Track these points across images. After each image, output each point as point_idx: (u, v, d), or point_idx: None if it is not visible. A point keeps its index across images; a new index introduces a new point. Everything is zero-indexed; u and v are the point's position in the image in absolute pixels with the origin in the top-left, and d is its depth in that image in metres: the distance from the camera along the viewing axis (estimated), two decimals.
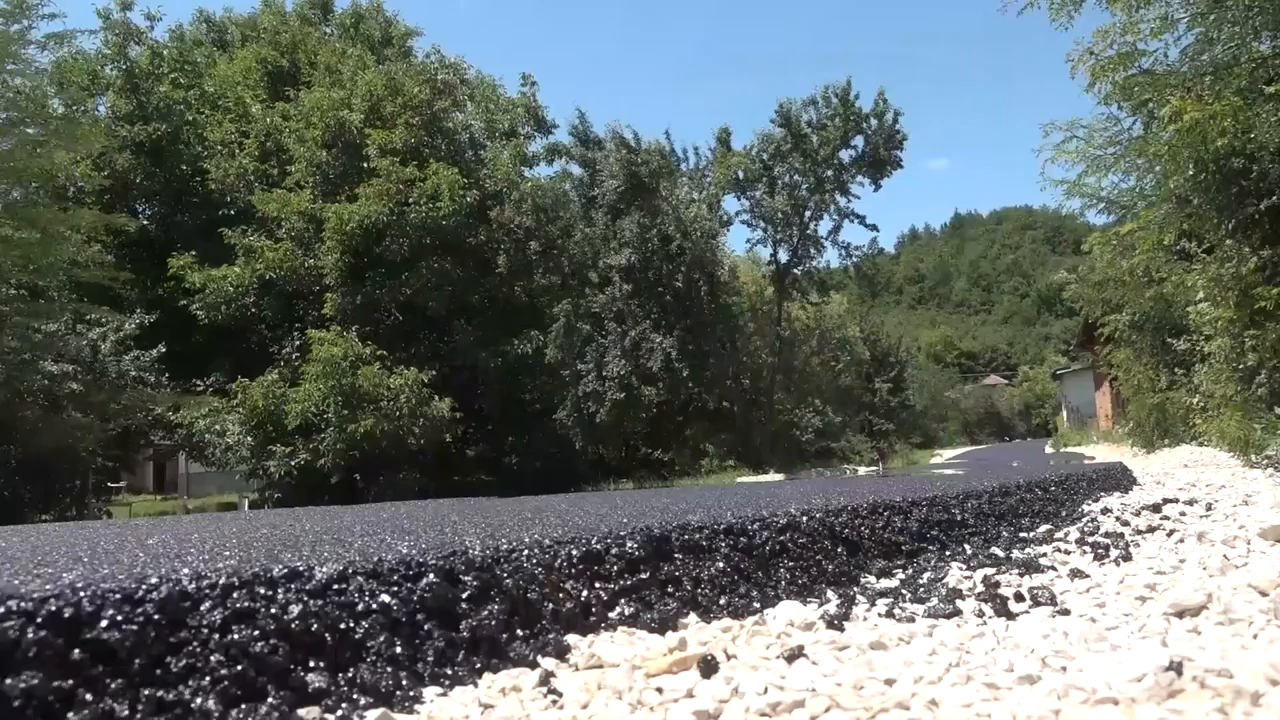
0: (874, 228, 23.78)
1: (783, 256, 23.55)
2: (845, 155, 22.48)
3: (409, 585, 1.10)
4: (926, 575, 1.77)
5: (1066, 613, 1.36)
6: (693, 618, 1.35)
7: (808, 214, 22.97)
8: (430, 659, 1.05)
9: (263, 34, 26.66)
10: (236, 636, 0.91)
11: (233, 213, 22.30)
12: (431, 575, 1.13)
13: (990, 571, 1.77)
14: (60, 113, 17.18)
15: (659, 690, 1.00)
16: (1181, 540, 2.15)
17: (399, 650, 1.03)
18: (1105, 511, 2.95)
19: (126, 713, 0.78)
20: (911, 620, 1.35)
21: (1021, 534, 2.45)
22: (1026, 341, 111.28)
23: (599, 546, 1.41)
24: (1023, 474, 4.07)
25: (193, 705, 0.82)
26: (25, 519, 12.99)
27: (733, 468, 21.74)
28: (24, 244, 13.03)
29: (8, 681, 0.73)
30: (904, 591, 1.58)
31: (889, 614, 1.39)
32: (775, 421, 24.75)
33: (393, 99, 21.14)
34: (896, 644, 1.17)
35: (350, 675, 0.97)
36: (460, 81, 24.27)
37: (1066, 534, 2.39)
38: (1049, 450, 26.94)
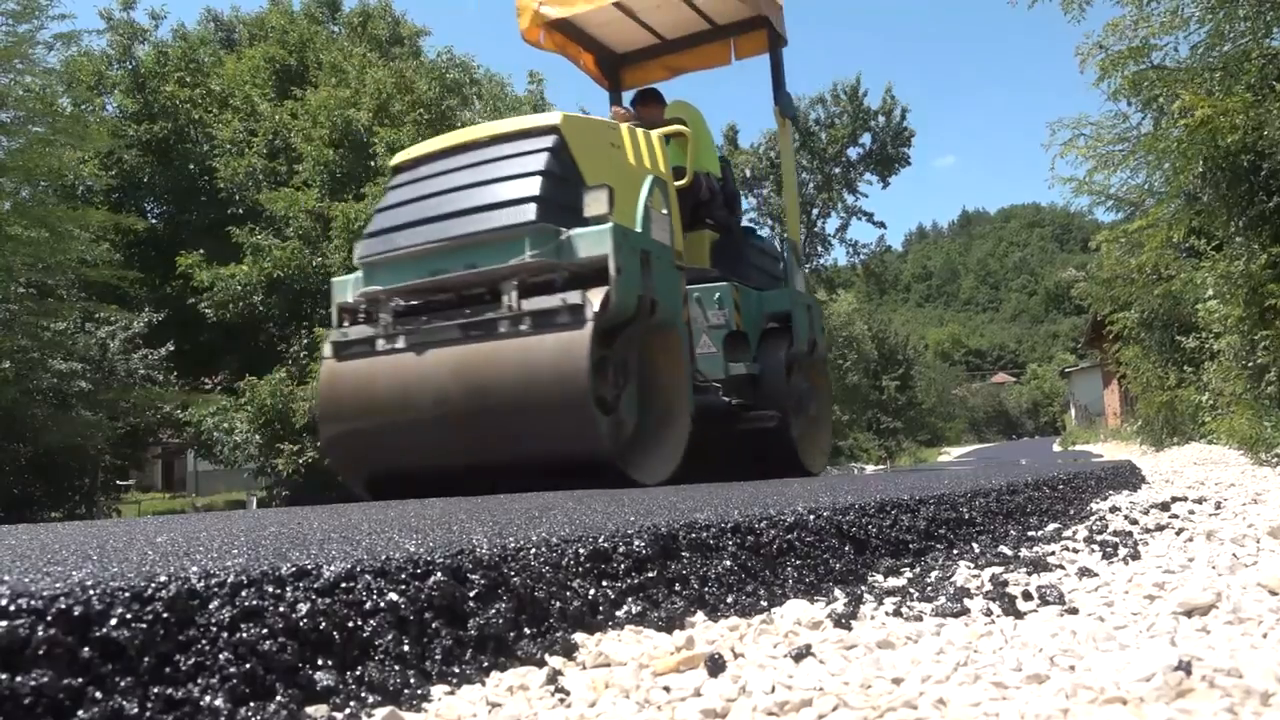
0: (881, 225, 23.87)
1: None
2: (853, 153, 22.48)
3: (416, 584, 1.10)
4: (934, 574, 1.77)
5: (1075, 612, 1.35)
6: (700, 616, 1.34)
7: (815, 212, 22.94)
8: (438, 657, 1.05)
9: (271, 33, 26.70)
10: (245, 635, 0.91)
11: (240, 211, 22.35)
12: (439, 574, 1.13)
13: (998, 570, 1.76)
14: (69, 112, 17.22)
15: (666, 689, 1.00)
16: (1190, 539, 2.14)
17: (406, 649, 1.03)
18: (1114, 510, 2.93)
19: (136, 710, 0.79)
20: (919, 619, 1.34)
21: (1029, 532, 2.44)
22: (1034, 339, 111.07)
23: (606, 545, 1.41)
24: (1031, 472, 4.06)
25: (202, 703, 0.83)
26: (35, 517, 13.04)
27: None
28: (33, 243, 13.06)
29: (18, 679, 0.73)
30: (911, 590, 1.58)
31: (896, 613, 1.39)
32: None
33: (402, 97, 21.14)
34: (904, 643, 1.17)
35: (358, 673, 0.97)
36: (469, 80, 24.25)
37: (1075, 532, 2.39)
38: (1057, 448, 26.85)
